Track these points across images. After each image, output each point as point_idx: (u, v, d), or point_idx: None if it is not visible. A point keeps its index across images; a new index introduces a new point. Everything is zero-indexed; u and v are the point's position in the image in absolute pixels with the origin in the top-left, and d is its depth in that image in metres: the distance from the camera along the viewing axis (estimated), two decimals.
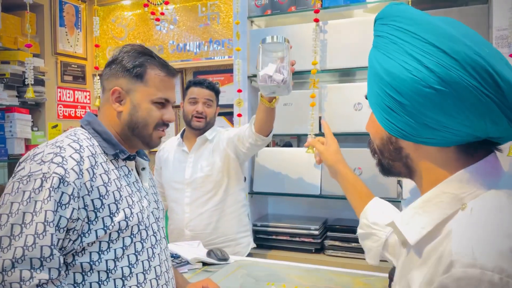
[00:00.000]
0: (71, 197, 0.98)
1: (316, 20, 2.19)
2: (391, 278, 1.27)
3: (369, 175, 2.17)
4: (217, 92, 2.16)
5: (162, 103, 1.18)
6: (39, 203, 0.94)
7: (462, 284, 0.55)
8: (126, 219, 1.07)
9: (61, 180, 0.97)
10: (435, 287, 0.59)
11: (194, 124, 2.07)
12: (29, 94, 2.36)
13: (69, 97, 3.32)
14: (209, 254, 1.77)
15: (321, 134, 2.26)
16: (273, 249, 2.32)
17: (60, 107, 3.23)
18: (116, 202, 1.07)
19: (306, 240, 2.27)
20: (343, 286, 1.51)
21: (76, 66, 3.37)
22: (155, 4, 3.04)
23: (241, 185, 2.15)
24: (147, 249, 1.13)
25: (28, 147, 2.91)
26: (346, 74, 2.47)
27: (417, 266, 0.68)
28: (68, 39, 3.28)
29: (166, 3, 2.89)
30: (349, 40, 2.20)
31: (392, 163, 0.77)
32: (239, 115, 2.43)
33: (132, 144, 1.19)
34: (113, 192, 1.07)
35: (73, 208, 0.98)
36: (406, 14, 0.69)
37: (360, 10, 2.39)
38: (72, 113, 3.34)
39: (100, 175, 1.06)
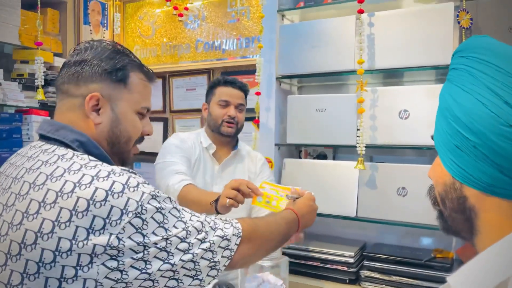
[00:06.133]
0: None
1: (361, 11, 1.86)
2: None
3: (415, 196, 1.82)
4: (247, 94, 1.90)
5: (143, 114, 0.99)
6: None
7: None
8: None
9: None
10: None
11: (225, 130, 1.79)
12: (39, 96, 2.17)
13: None
14: None
15: (370, 146, 1.91)
16: (300, 275, 2.02)
17: None
18: None
19: (339, 268, 1.96)
20: None
21: None
22: None
23: None
24: None
25: None
26: (390, 76, 2.12)
27: None
28: (92, 38, 3.12)
29: None
30: (396, 36, 1.85)
31: (454, 216, 0.67)
32: (256, 121, 2.16)
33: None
34: None
35: None
36: (489, 46, 0.63)
37: (409, 0, 2.04)
38: None
39: None
